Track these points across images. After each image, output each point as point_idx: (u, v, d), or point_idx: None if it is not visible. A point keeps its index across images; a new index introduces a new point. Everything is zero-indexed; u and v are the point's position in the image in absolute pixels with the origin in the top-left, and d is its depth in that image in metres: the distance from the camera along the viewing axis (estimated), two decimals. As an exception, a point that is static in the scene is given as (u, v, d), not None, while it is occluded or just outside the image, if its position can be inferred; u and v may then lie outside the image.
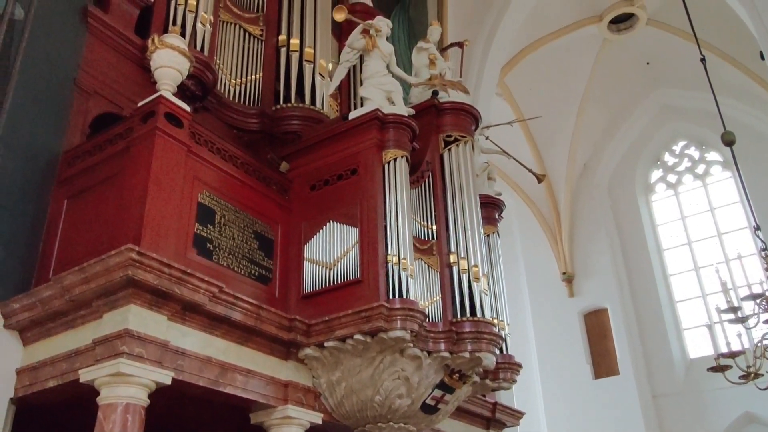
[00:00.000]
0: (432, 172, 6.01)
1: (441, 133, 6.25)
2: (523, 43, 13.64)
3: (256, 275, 4.95)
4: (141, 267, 3.82)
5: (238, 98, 6.59)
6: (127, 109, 5.35)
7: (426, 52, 6.88)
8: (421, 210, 5.79)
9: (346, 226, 5.18)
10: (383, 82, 5.84)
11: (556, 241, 16.07)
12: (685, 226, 15.75)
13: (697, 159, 16.16)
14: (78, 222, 4.61)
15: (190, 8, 5.99)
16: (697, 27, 7.04)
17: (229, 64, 6.67)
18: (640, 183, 16.40)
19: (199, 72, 5.78)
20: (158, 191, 4.28)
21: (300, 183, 5.63)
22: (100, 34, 5.47)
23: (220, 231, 4.75)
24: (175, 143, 4.53)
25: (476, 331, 5.42)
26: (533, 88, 14.56)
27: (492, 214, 7.23)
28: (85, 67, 5.28)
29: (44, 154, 4.86)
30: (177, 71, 4.74)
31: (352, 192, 5.32)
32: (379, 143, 5.46)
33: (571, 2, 13.54)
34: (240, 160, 5.17)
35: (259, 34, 7.03)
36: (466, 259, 5.65)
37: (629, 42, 14.54)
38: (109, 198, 4.48)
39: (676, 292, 15.20)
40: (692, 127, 15.89)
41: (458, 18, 11.04)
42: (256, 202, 5.20)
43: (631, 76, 15.46)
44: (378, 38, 5.98)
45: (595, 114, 15.71)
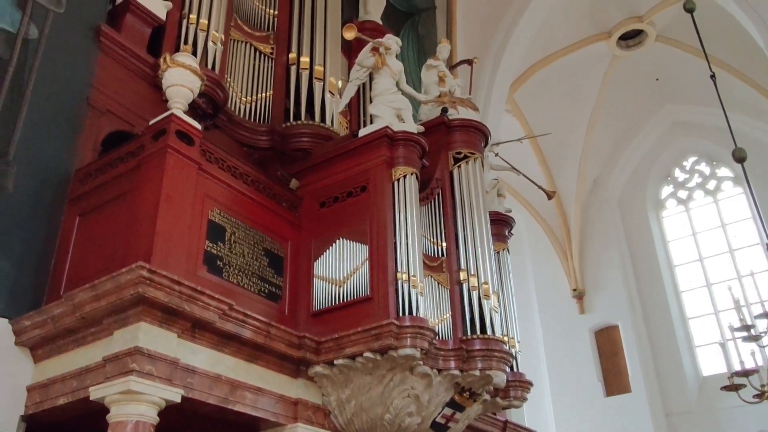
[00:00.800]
0: (441, 189, 6.02)
1: (450, 150, 6.26)
2: (532, 59, 13.67)
3: (265, 292, 4.95)
4: (151, 284, 3.83)
5: (249, 116, 6.63)
6: (138, 126, 5.40)
7: (435, 70, 6.91)
8: (431, 227, 5.79)
9: (355, 244, 5.18)
10: (393, 99, 5.86)
11: (567, 257, 16.00)
12: (696, 242, 15.64)
13: (707, 175, 16.09)
14: (89, 239, 4.63)
15: (201, 27, 6.05)
16: (706, 43, 7.02)
17: (240, 82, 6.72)
18: (651, 199, 16.33)
19: (210, 90, 5.82)
20: (169, 209, 4.29)
21: (310, 200, 5.65)
22: (112, 53, 5.53)
23: (230, 248, 4.76)
24: (186, 161, 4.56)
25: (486, 349, 5.39)
26: (543, 104, 14.58)
27: (502, 231, 7.22)
28: (97, 86, 5.33)
29: (56, 171, 4.90)
30: (188, 90, 4.78)
31: (361, 209, 5.32)
32: (389, 160, 5.47)
33: (580, 19, 13.58)
34: (250, 178, 5.19)
35: (269, 52, 7.09)
36: (476, 276, 5.63)
37: (638, 58, 14.55)
38: (120, 215, 4.50)
39: (688, 308, 15.07)
40: (702, 142, 15.83)
41: (467, 35, 11.09)
42: (267, 220, 5.22)
43: (641, 92, 15.45)
44: (387, 56, 6.01)
45: (605, 130, 15.69)
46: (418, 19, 10.51)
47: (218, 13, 6.28)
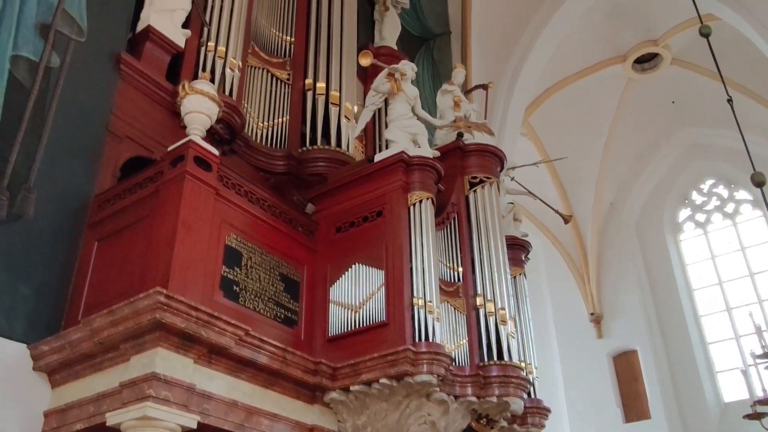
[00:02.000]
0: (458, 213, 6.01)
1: (466, 175, 6.27)
2: (547, 83, 13.71)
3: (281, 318, 4.95)
4: (168, 310, 3.84)
5: (265, 141, 6.69)
6: (157, 152, 5.45)
7: (450, 95, 6.94)
8: (447, 252, 5.78)
9: (371, 269, 5.17)
10: (408, 124, 5.88)
11: (584, 281, 15.87)
12: (715, 265, 15.46)
13: (726, 198, 15.95)
14: (108, 264, 4.66)
15: (219, 54, 6.14)
16: (722, 66, 7.01)
17: (257, 107, 6.79)
18: (668, 222, 16.20)
19: (227, 116, 5.88)
20: (186, 234, 4.32)
21: (326, 225, 5.66)
22: (132, 80, 5.60)
23: (246, 273, 4.77)
24: (203, 186, 4.59)
25: (504, 375, 5.34)
26: (558, 128, 14.57)
27: (518, 256, 7.18)
28: (117, 113, 5.40)
29: (76, 197, 4.95)
30: (206, 116, 4.84)
31: (377, 234, 5.33)
32: (405, 185, 5.48)
33: (595, 43, 13.61)
34: (267, 203, 5.22)
35: (286, 78, 7.16)
36: (492, 301, 5.60)
37: (654, 81, 14.53)
38: (138, 241, 4.54)
39: (708, 333, 14.85)
40: (720, 165, 15.72)
41: (482, 60, 11.15)
42: (283, 245, 5.23)
43: (657, 115, 15.41)
44: (403, 82, 6.05)
45: (621, 153, 15.64)
46: (433, 44, 10.58)
47: (236, 41, 6.37)
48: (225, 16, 6.38)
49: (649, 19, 13.26)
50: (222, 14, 6.38)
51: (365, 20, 9.00)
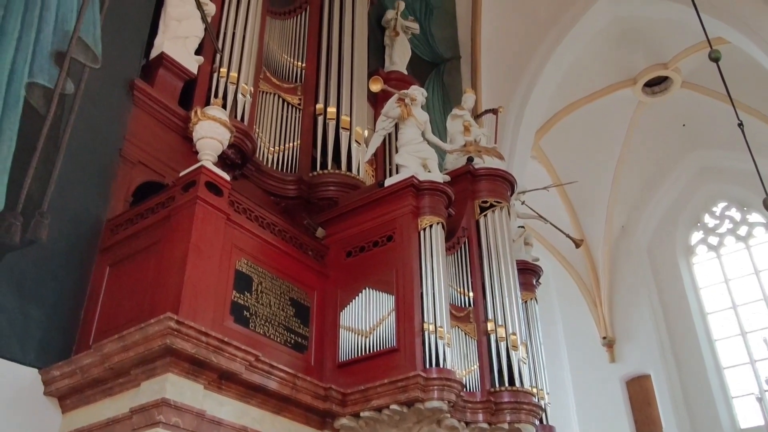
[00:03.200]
0: (468, 238, 6.01)
1: (476, 199, 6.27)
2: (557, 106, 13.74)
3: (292, 343, 4.94)
4: (179, 336, 3.85)
5: (276, 165, 6.72)
6: (169, 177, 5.50)
7: (460, 119, 6.98)
8: (458, 277, 5.76)
9: (382, 293, 5.17)
10: (419, 149, 5.91)
11: (596, 304, 15.75)
12: (728, 289, 15.31)
13: (738, 221, 15.84)
14: (119, 289, 4.68)
15: (231, 80, 6.20)
16: (733, 89, 7.01)
17: (268, 132, 6.84)
18: (681, 245, 16.09)
19: (239, 141, 5.93)
20: (197, 259, 4.34)
21: (336, 249, 5.67)
22: (145, 106, 5.66)
23: (257, 298, 4.78)
24: (214, 212, 4.62)
25: (515, 402, 5.29)
26: (569, 151, 14.57)
27: (529, 280, 7.14)
28: (130, 138, 5.46)
29: (89, 222, 4.99)
30: (218, 142, 4.88)
31: (387, 259, 5.33)
32: (415, 210, 5.49)
33: (605, 66, 13.65)
34: (277, 227, 5.24)
35: (297, 103, 7.22)
36: (503, 326, 5.57)
37: (664, 104, 14.53)
38: (149, 265, 4.56)
39: (723, 358, 14.66)
40: (732, 188, 15.64)
41: (492, 84, 11.21)
42: (293, 269, 5.24)
43: (668, 138, 15.39)
44: (413, 107, 6.09)
45: (632, 176, 15.60)
46: (443, 69, 10.65)
47: (248, 67, 6.44)
48: (237, 43, 6.46)
49: (659, 42, 13.29)
50: (234, 41, 6.46)
51: (376, 45, 9.09)
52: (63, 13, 5.21)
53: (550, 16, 11.71)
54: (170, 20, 6.10)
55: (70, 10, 5.27)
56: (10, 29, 4.77)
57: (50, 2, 5.15)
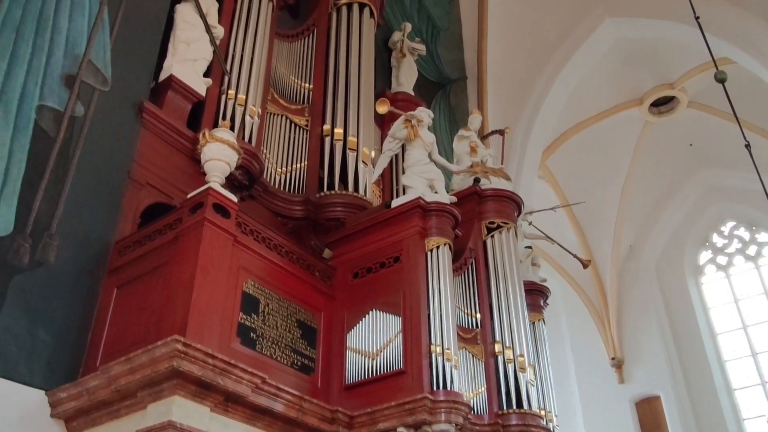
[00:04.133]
0: (475, 259, 6.01)
1: (483, 220, 6.28)
2: (564, 126, 13.77)
3: (298, 365, 4.92)
4: (186, 358, 3.84)
5: (284, 186, 6.75)
6: (176, 198, 5.52)
7: (467, 140, 7.00)
8: (465, 298, 5.75)
9: (388, 315, 5.16)
10: (425, 170, 5.93)
11: (604, 324, 15.65)
12: (738, 309, 15.20)
13: (747, 240, 15.77)
14: (126, 311, 4.69)
15: (239, 102, 6.25)
16: (740, 109, 7.01)
17: (276, 153, 6.87)
18: (689, 265, 16.01)
19: (246, 162, 5.96)
20: (204, 281, 4.34)
21: (343, 271, 5.67)
22: (154, 129, 5.70)
23: (263, 320, 4.77)
24: (222, 233, 4.63)
25: (523, 424, 5.26)
26: (576, 170, 14.58)
27: (537, 301, 7.12)
28: (138, 160, 5.49)
29: (97, 243, 5.00)
30: (226, 163, 4.91)
31: (394, 280, 5.32)
32: (422, 231, 5.49)
33: (611, 87, 13.69)
34: (284, 249, 5.24)
35: (304, 124, 7.26)
36: (511, 348, 5.55)
37: (671, 124, 14.53)
38: (156, 287, 4.57)
39: (734, 379, 14.52)
40: (740, 207, 15.59)
41: (498, 104, 11.26)
42: (300, 291, 5.24)
43: (675, 158, 15.38)
44: (420, 128, 6.12)
45: (640, 195, 15.57)
46: (450, 89, 10.71)
47: (256, 89, 6.49)
48: (245, 65, 6.51)
49: (665, 62, 13.33)
50: (242, 63, 6.51)
51: (382, 67, 9.14)
52: (74, 37, 5.27)
53: (555, 37, 11.78)
54: (179, 43, 6.16)
55: (80, 33, 5.34)
56: (21, 53, 4.83)
57: (61, 26, 5.21)
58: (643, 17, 11.43)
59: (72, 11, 5.33)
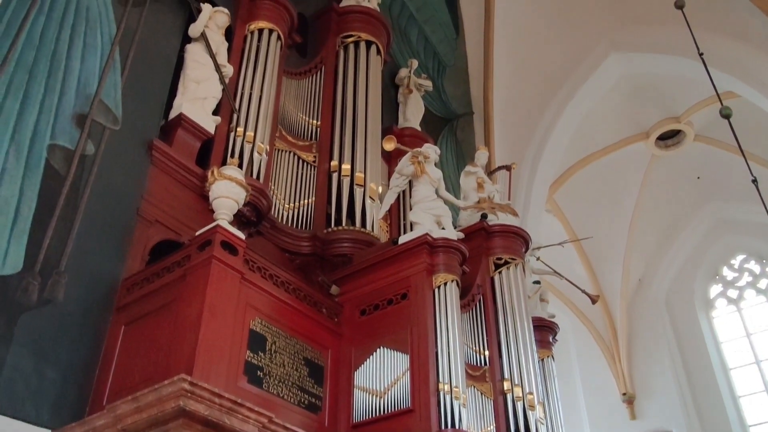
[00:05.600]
0: (483, 295, 5.99)
1: (491, 256, 6.27)
2: (571, 160, 13.81)
3: (305, 404, 4.89)
4: (192, 397, 3.82)
5: (291, 222, 6.77)
6: (185, 235, 5.54)
7: (474, 176, 7.03)
8: (473, 335, 5.72)
9: (396, 353, 5.12)
10: (432, 206, 5.94)
11: (614, 359, 15.48)
12: (751, 343, 15.01)
13: (758, 274, 15.64)
14: (134, 349, 4.68)
15: (248, 139, 6.31)
16: (746, 143, 7.03)
17: (283, 189, 6.91)
18: (699, 298, 15.87)
19: (254, 199, 5.99)
20: (212, 319, 4.35)
21: (350, 307, 5.65)
22: (163, 166, 5.76)
23: (270, 358, 4.75)
24: (229, 271, 4.64)
25: (533, 464, 5.18)
26: (583, 204, 14.58)
27: (546, 338, 7.07)
28: (147, 197, 5.53)
29: (105, 281, 5.02)
30: (234, 201, 4.95)
31: (402, 317, 5.30)
32: (429, 268, 5.49)
33: (617, 120, 13.75)
34: (291, 286, 5.25)
35: (312, 160, 7.31)
36: (520, 386, 5.50)
37: (678, 157, 14.55)
38: (164, 325, 4.57)
39: (748, 415, 14.27)
40: (750, 240, 15.50)
41: (505, 139, 11.32)
42: (307, 328, 5.22)
43: (682, 191, 15.36)
44: (426, 164, 6.15)
45: (648, 229, 15.52)
46: (456, 124, 10.78)
47: (264, 126, 6.56)
48: (254, 103, 6.59)
49: (671, 96, 13.41)
50: (251, 101, 6.60)
51: (389, 103, 9.23)
52: (86, 77, 5.36)
53: (561, 72, 11.89)
54: (189, 82, 6.25)
55: (92, 73, 5.43)
56: (33, 93, 4.91)
57: (74, 66, 5.31)
58: (647, 52, 11.54)
59: (85, 52, 5.44)
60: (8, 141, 4.62)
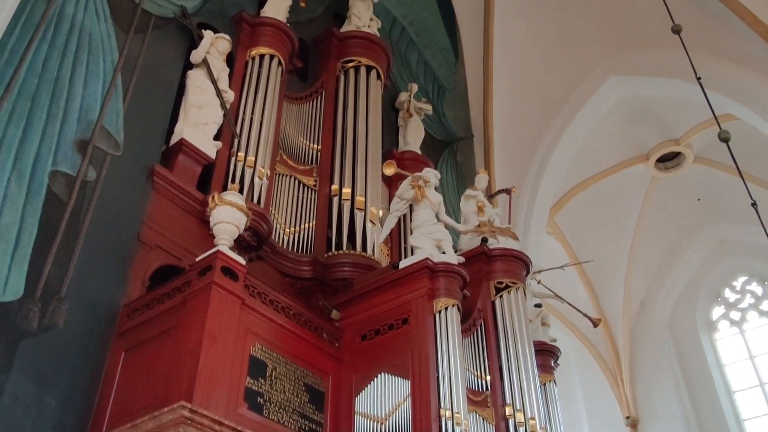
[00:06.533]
0: (484, 320, 5.97)
1: (492, 280, 6.27)
2: (571, 183, 13.82)
3: (306, 430, 4.85)
4: (192, 424, 3.82)
5: (292, 246, 6.77)
6: (186, 260, 5.55)
7: (474, 200, 7.04)
8: (474, 360, 5.70)
9: (397, 378, 5.10)
10: (433, 230, 5.95)
11: (617, 382, 15.36)
12: (754, 366, 14.89)
13: (760, 295, 15.55)
14: (134, 375, 4.67)
15: (249, 164, 6.34)
16: (746, 164, 7.05)
17: (284, 213, 6.92)
18: (702, 320, 15.78)
19: (255, 224, 5.99)
20: (212, 345, 4.34)
21: (351, 332, 5.64)
22: (164, 191, 5.78)
23: (271, 384, 4.73)
24: (230, 296, 4.65)
25: (536, 490, 5.12)
26: (584, 226, 14.56)
27: (547, 362, 7.04)
28: (148, 222, 5.54)
29: (106, 306, 5.01)
30: (234, 226, 4.98)
31: (403, 342, 5.28)
32: (430, 292, 5.48)
33: (617, 143, 13.79)
34: (292, 311, 5.24)
35: (312, 184, 7.33)
36: (522, 411, 5.46)
37: (678, 179, 14.56)
38: (164, 351, 4.56)
39: (753, 438, 14.14)
40: (752, 261, 15.44)
41: (505, 162, 11.35)
42: (308, 354, 5.20)
43: (683, 212, 15.35)
44: (427, 188, 6.16)
45: (649, 251, 15.48)
46: (456, 148, 10.81)
47: (265, 150, 6.59)
48: (255, 128, 6.63)
49: (670, 119, 13.45)
50: (252, 126, 6.64)
51: (389, 126, 9.27)
52: (88, 103, 5.41)
53: (560, 95, 11.95)
54: (190, 107, 6.30)
55: (94, 100, 5.47)
56: (35, 120, 4.95)
57: (76, 93, 5.35)
58: (645, 76, 11.60)
59: (87, 78, 5.49)
60: (10, 168, 4.64)
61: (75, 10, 5.56)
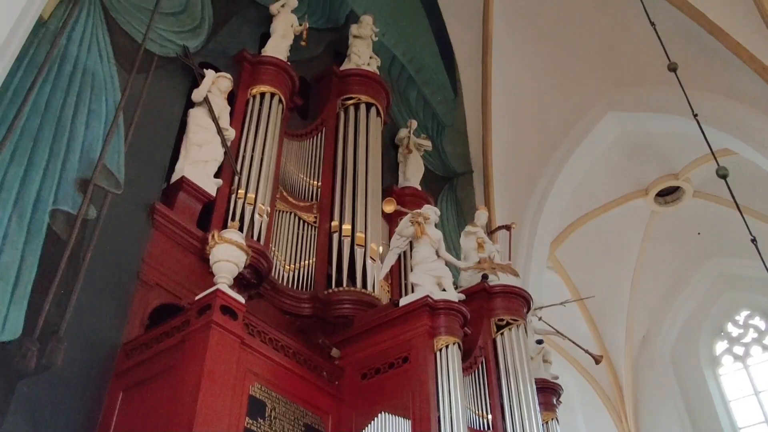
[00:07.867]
0: (485, 357, 5.93)
1: (493, 317, 6.24)
2: (571, 218, 13.84)
3: (305, 472, 4.79)
4: (190, 467, 3.75)
5: (292, 283, 6.74)
6: (185, 298, 5.53)
7: (474, 236, 7.04)
8: (476, 398, 5.64)
9: (398, 418, 5.04)
10: (433, 267, 5.94)
11: (621, 419, 15.17)
12: (759, 402, 14.73)
13: (763, 330, 15.45)
14: (132, 415, 4.62)
15: (249, 201, 6.36)
16: (745, 198, 7.08)
17: (284, 250, 6.91)
18: (705, 355, 15.65)
19: (255, 261, 5.97)
20: (211, 386, 4.30)
21: (351, 371, 5.59)
22: (164, 229, 5.78)
23: (270, 425, 4.68)
24: (229, 336, 4.62)
25: None
26: (585, 261, 14.54)
27: (549, 400, 6.96)
28: (148, 260, 5.53)
29: (104, 346, 4.98)
30: (234, 264, 4.97)
31: (403, 381, 5.23)
32: (431, 330, 5.44)
33: (616, 178, 13.85)
34: (291, 350, 5.20)
35: (312, 221, 7.34)
36: (524, 451, 5.38)
37: (678, 213, 14.58)
38: (163, 391, 4.51)
39: (759, 475, 13.92)
40: (754, 296, 15.37)
41: (505, 197, 11.38)
42: (307, 393, 5.15)
43: (683, 246, 15.33)
44: (426, 225, 6.17)
45: (650, 285, 15.43)
46: (456, 183, 10.86)
47: (265, 187, 6.61)
48: (255, 165, 6.66)
49: (668, 153, 13.53)
50: (252, 163, 6.67)
51: (389, 163, 9.31)
52: (89, 143, 5.44)
53: (559, 131, 12.04)
54: (191, 145, 6.34)
55: (96, 138, 5.51)
56: (37, 160, 4.98)
57: (78, 132, 5.39)
58: (643, 112, 11.70)
59: (89, 118, 5.54)
60: (11, 207, 4.66)
61: (78, 50, 5.64)
